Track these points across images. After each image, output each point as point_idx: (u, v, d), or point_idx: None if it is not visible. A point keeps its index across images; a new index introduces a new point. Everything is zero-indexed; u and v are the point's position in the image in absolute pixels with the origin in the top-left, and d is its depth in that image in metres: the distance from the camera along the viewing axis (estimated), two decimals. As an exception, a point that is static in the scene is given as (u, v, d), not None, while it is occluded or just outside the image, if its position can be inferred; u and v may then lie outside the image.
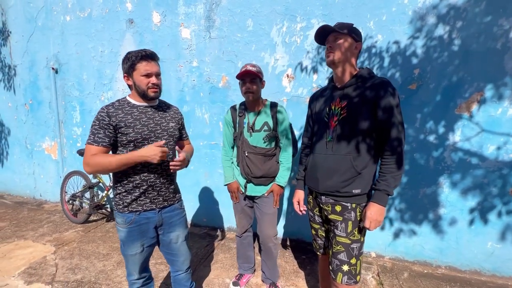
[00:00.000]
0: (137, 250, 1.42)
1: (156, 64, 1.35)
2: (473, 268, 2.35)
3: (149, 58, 1.31)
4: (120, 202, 1.39)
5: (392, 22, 2.28)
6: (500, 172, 2.20)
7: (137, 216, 1.39)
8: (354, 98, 1.36)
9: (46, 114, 3.71)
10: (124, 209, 1.38)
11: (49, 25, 3.45)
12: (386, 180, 1.28)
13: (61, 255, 2.57)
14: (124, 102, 1.38)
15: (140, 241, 1.42)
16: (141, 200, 1.39)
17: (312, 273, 2.36)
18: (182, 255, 1.56)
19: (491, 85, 2.14)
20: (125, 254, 1.44)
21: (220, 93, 2.89)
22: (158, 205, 1.44)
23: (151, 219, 1.42)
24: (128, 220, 1.38)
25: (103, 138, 1.29)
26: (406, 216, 2.47)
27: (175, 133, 1.50)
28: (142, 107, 1.39)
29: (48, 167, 3.87)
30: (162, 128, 1.42)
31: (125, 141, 1.33)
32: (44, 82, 3.63)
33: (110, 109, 1.32)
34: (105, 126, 1.29)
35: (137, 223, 1.39)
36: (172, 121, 1.49)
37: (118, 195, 1.39)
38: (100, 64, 3.30)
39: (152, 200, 1.42)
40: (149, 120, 1.39)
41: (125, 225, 1.38)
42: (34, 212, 3.62)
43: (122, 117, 1.32)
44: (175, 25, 2.91)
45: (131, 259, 1.44)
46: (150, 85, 1.32)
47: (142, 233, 1.42)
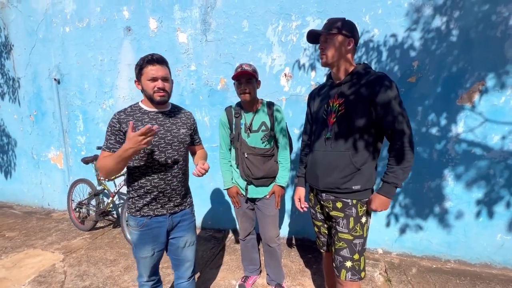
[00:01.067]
0: (148, 253, 1.44)
1: (164, 68, 1.34)
2: (483, 261, 2.31)
3: (156, 62, 1.31)
4: (133, 206, 1.43)
5: (388, 15, 2.26)
6: (506, 162, 2.16)
7: (148, 220, 1.42)
8: (351, 95, 1.35)
9: (51, 124, 3.77)
10: (136, 213, 1.42)
11: (50, 37, 3.51)
12: (394, 172, 1.27)
13: (69, 263, 2.60)
14: (136, 108, 1.39)
15: (151, 245, 1.44)
16: (152, 205, 1.42)
17: (318, 271, 2.35)
18: (188, 260, 1.56)
19: (492, 74, 2.11)
20: (137, 256, 1.47)
21: (219, 96, 2.90)
22: (169, 210, 1.45)
23: (162, 223, 1.44)
24: (140, 223, 1.41)
25: (114, 144, 1.32)
26: (412, 211, 2.44)
27: (186, 139, 1.49)
28: (153, 113, 1.39)
29: (55, 176, 3.93)
30: (172, 134, 1.42)
31: None
32: (47, 93, 3.69)
33: (122, 115, 1.34)
34: (116, 132, 1.32)
35: (149, 227, 1.42)
36: (183, 127, 1.48)
37: (131, 199, 1.43)
38: (100, 72, 3.34)
39: (163, 205, 1.44)
40: (160, 127, 1.38)
41: (137, 228, 1.42)
42: (43, 221, 3.68)
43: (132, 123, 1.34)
44: (172, 30, 2.93)
45: (142, 262, 1.46)
46: (155, 89, 1.31)
47: (154, 237, 1.44)
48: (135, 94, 3.19)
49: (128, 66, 3.19)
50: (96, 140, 3.53)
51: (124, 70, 3.22)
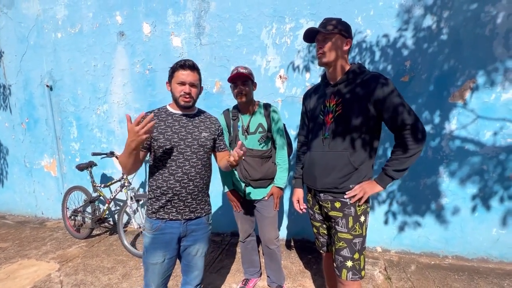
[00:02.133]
0: (158, 259, 1.41)
1: (194, 74, 1.38)
2: (480, 256, 2.34)
3: (187, 67, 1.36)
4: (150, 208, 1.43)
5: (380, 16, 2.30)
6: (498, 157, 2.20)
7: (163, 224, 1.41)
8: (347, 94, 1.36)
9: (43, 132, 3.71)
10: (152, 215, 1.42)
11: (41, 43, 3.47)
12: (392, 164, 1.30)
13: (65, 272, 2.55)
14: (162, 110, 1.46)
15: (162, 251, 1.41)
16: (168, 209, 1.41)
17: (318, 272, 2.34)
18: (197, 269, 1.54)
19: (482, 71, 2.16)
20: (146, 262, 1.44)
21: (215, 99, 2.90)
22: (184, 216, 1.43)
23: (176, 229, 1.43)
24: (154, 226, 1.40)
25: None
26: (409, 209, 2.47)
27: (207, 144, 1.48)
28: (177, 115, 1.44)
29: (48, 184, 3.86)
30: (193, 137, 1.43)
31: (156, 147, 1.38)
32: (39, 100, 3.64)
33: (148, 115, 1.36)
34: None
35: (162, 231, 1.41)
36: (206, 131, 1.48)
37: (149, 200, 1.45)
38: (93, 78, 3.31)
39: (178, 210, 1.42)
40: (181, 128, 1.42)
41: (151, 231, 1.41)
42: (37, 230, 3.60)
43: (156, 123, 1.38)
44: (166, 34, 2.93)
45: (151, 268, 1.43)
46: (182, 93, 1.36)
47: (166, 243, 1.42)
48: (130, 99, 3.17)
49: (122, 71, 3.17)
50: (90, 147, 3.49)
51: (118, 75, 3.20)
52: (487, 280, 2.12)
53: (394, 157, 1.30)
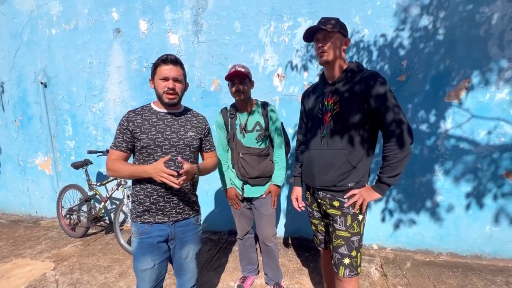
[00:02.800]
0: (148, 265, 1.34)
1: (177, 68, 1.32)
2: (474, 253, 2.38)
3: (169, 62, 1.30)
4: (134, 211, 1.38)
5: (377, 16, 2.32)
6: (491, 156, 2.24)
7: (149, 227, 1.35)
8: (345, 92, 1.37)
9: (38, 129, 3.65)
10: (137, 219, 1.36)
11: (35, 40, 3.41)
12: (385, 171, 1.30)
13: (61, 271, 2.52)
14: (146, 108, 1.39)
15: (151, 256, 1.35)
16: (152, 212, 1.35)
17: (316, 270, 2.36)
18: (189, 272, 1.50)
19: (477, 71, 2.19)
20: (136, 269, 1.37)
21: (212, 97, 2.89)
22: (171, 218, 1.38)
23: (163, 232, 1.37)
24: (140, 230, 1.35)
25: (121, 142, 1.32)
26: (405, 206, 2.50)
27: (193, 143, 1.42)
28: (162, 114, 1.37)
29: (43, 183, 3.80)
30: (178, 136, 1.37)
31: (138, 147, 1.33)
32: (33, 97, 3.58)
33: (131, 114, 1.35)
34: (123, 131, 1.32)
35: (148, 235, 1.34)
36: (192, 130, 1.43)
37: (133, 203, 1.39)
38: (89, 75, 3.27)
39: (164, 212, 1.36)
40: (166, 128, 1.35)
41: (137, 235, 1.35)
42: (31, 229, 3.55)
43: (139, 122, 1.33)
44: (163, 32, 2.91)
45: (141, 276, 1.36)
46: (165, 89, 1.29)
47: (153, 247, 1.35)
48: (127, 97, 3.14)
49: (118, 69, 3.13)
50: (86, 145, 3.45)
51: (114, 72, 3.16)
52: (481, 276, 2.16)
53: (385, 163, 1.30)
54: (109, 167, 1.32)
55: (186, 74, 1.42)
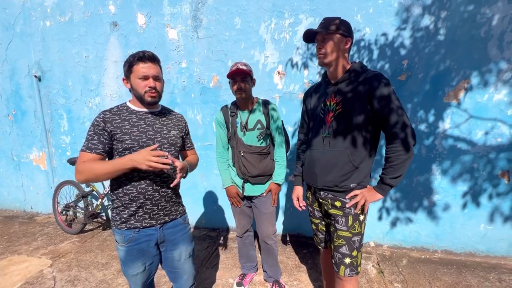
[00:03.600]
0: (139, 270, 1.31)
1: (156, 66, 1.26)
2: (468, 251, 2.44)
3: (147, 59, 1.23)
4: (117, 218, 1.28)
5: (379, 15, 2.31)
6: (488, 156, 2.27)
7: (136, 234, 1.28)
8: (348, 93, 1.37)
9: (32, 124, 3.58)
10: (122, 225, 1.27)
11: (28, 32, 3.32)
12: (388, 172, 1.30)
13: (58, 268, 2.51)
14: (123, 107, 1.30)
15: (141, 260, 1.31)
16: (139, 216, 1.29)
17: (314, 267, 2.39)
18: (186, 273, 1.45)
19: (476, 72, 2.20)
20: (126, 275, 1.34)
21: (212, 93, 2.87)
22: (158, 220, 1.33)
23: (151, 237, 1.32)
24: (126, 238, 1.27)
25: (96, 144, 1.21)
26: (402, 205, 2.53)
27: (177, 142, 1.40)
28: (141, 113, 1.30)
29: (38, 178, 3.75)
30: (162, 136, 1.33)
31: (120, 149, 1.24)
32: (27, 91, 3.50)
33: (107, 114, 1.24)
34: (100, 132, 1.21)
35: (137, 241, 1.28)
36: (174, 129, 1.40)
37: (115, 210, 1.30)
38: (85, 69, 3.20)
39: (151, 215, 1.31)
40: (148, 127, 1.30)
41: (123, 244, 1.27)
42: (26, 225, 3.51)
43: (118, 123, 1.24)
44: (161, 26, 2.85)
45: (132, 280, 1.34)
46: (147, 89, 1.23)
47: (143, 252, 1.31)
48: (124, 92, 3.09)
49: (115, 63, 3.07)
50: (82, 140, 3.39)
51: (111, 67, 3.10)
52: (474, 273, 2.22)
53: (388, 165, 1.30)
54: (80, 169, 1.17)
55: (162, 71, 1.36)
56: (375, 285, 2.12)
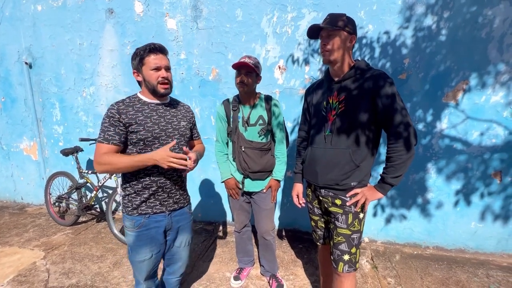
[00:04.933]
0: (146, 256, 1.37)
1: (166, 57, 1.31)
2: (458, 247, 2.52)
3: (158, 51, 1.27)
4: (129, 204, 1.35)
5: (383, 12, 2.29)
6: (482, 156, 2.32)
7: (146, 219, 1.35)
8: (352, 91, 1.36)
9: (22, 113, 3.46)
10: (133, 211, 1.34)
11: (18, 15, 3.17)
12: (389, 172, 1.31)
13: (52, 260, 2.47)
14: (134, 99, 1.34)
15: (149, 247, 1.37)
16: (150, 202, 1.36)
17: (309, 261, 2.43)
18: (181, 260, 1.55)
19: (475, 73, 2.23)
20: (133, 261, 1.39)
21: (211, 86, 2.82)
22: (168, 207, 1.40)
23: (161, 223, 1.39)
24: (137, 223, 1.34)
25: (113, 136, 1.25)
26: (397, 202, 2.58)
27: (187, 133, 1.46)
28: (153, 105, 1.35)
29: (28, 168, 3.65)
30: (173, 127, 1.38)
31: (135, 140, 1.29)
32: (17, 77, 3.37)
33: (121, 106, 1.28)
34: (116, 123, 1.25)
35: (147, 227, 1.35)
36: (184, 120, 1.45)
37: (127, 197, 1.36)
38: (79, 57, 3.09)
39: (162, 202, 1.38)
40: (160, 119, 1.35)
41: (133, 229, 1.34)
42: (17, 216, 3.44)
43: (132, 114, 1.28)
44: (160, 15, 2.76)
45: (138, 266, 1.39)
46: (160, 79, 1.27)
47: (152, 239, 1.37)
48: (120, 82, 3.00)
49: (111, 52, 2.98)
50: (75, 131, 3.31)
51: (106, 56, 3.00)
52: (464, 269, 2.30)
53: (389, 164, 1.31)
54: (100, 161, 1.23)
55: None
56: (369, 279, 2.18)
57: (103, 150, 1.24)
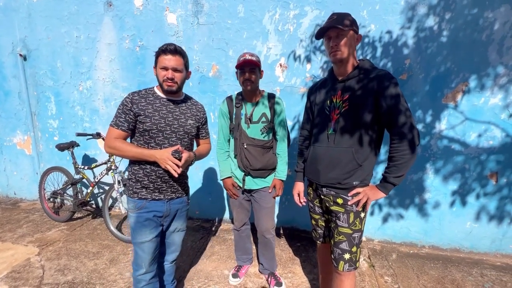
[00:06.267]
0: (146, 238, 1.46)
1: (177, 58, 1.37)
2: (454, 246, 2.55)
3: (169, 52, 1.35)
4: (131, 188, 1.48)
5: (385, 12, 2.29)
6: (479, 158, 2.35)
7: (147, 202, 1.46)
8: (357, 90, 1.36)
9: (16, 106, 3.38)
10: (134, 195, 1.46)
11: (13, 6, 3.08)
12: (391, 171, 1.31)
13: (46, 256, 2.43)
14: (150, 91, 1.46)
15: (148, 229, 1.46)
16: (150, 189, 1.46)
17: (307, 259, 2.44)
18: (174, 244, 1.65)
19: (475, 75, 2.25)
20: (135, 242, 1.47)
21: (211, 83, 2.79)
22: (166, 196, 1.50)
23: (160, 208, 1.49)
24: (138, 205, 1.45)
25: (123, 122, 1.38)
26: (394, 202, 2.60)
27: (192, 131, 1.54)
28: (165, 100, 1.45)
29: (22, 163, 3.58)
30: (179, 123, 1.47)
31: (141, 129, 1.40)
32: (11, 70, 3.28)
33: (135, 96, 1.41)
34: (127, 111, 1.38)
35: (146, 209, 1.45)
36: (192, 119, 1.53)
37: (130, 181, 1.49)
38: (76, 50, 3.03)
39: (160, 190, 1.48)
40: (168, 114, 1.44)
41: (135, 210, 1.45)
42: (10, 211, 3.37)
43: (143, 105, 1.39)
44: (160, 9, 2.72)
45: (140, 248, 1.47)
46: (164, 78, 1.37)
47: (150, 221, 1.46)
48: (117, 77, 2.95)
49: (109, 46, 2.92)
50: (71, 125, 3.25)
51: (104, 49, 2.95)
52: (459, 268, 2.33)
53: (392, 164, 1.31)
54: (111, 145, 1.37)
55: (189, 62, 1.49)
56: (366, 278, 2.19)
57: (114, 134, 1.38)
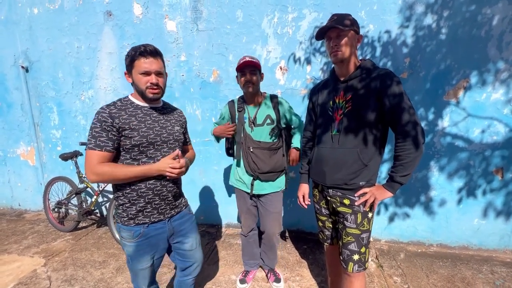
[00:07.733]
0: (147, 264, 1.33)
1: (158, 61, 1.22)
2: (462, 244, 2.53)
3: (149, 54, 1.19)
4: (124, 214, 1.27)
5: (383, 12, 2.30)
6: (483, 154, 2.34)
7: (145, 229, 1.28)
8: (359, 90, 1.36)
9: (19, 117, 3.40)
10: (130, 221, 1.27)
11: (14, 19, 3.12)
12: (397, 170, 1.31)
13: (53, 267, 2.42)
14: (127, 102, 1.26)
15: (150, 254, 1.33)
16: (147, 212, 1.29)
17: (315, 262, 2.42)
18: (196, 261, 1.52)
19: (476, 71, 2.25)
20: (133, 269, 1.35)
21: (212, 88, 2.80)
22: (166, 215, 1.35)
23: (162, 230, 1.34)
24: (136, 234, 1.27)
25: (106, 141, 1.16)
26: (400, 201, 2.59)
27: (181, 137, 1.41)
28: (146, 108, 1.29)
29: (26, 174, 3.59)
30: (167, 132, 1.33)
31: (128, 146, 1.21)
32: (13, 82, 3.31)
33: (112, 109, 1.19)
34: (108, 129, 1.16)
35: (147, 236, 1.29)
36: (177, 125, 1.40)
37: (121, 207, 1.28)
38: (77, 61, 3.05)
39: (159, 210, 1.32)
40: (154, 123, 1.28)
41: (132, 240, 1.27)
42: (15, 223, 3.37)
43: (126, 118, 1.20)
44: (159, 17, 2.74)
45: (140, 274, 1.36)
46: (148, 85, 1.21)
47: (153, 246, 1.33)
48: (119, 85, 2.97)
49: (110, 55, 2.95)
50: (74, 135, 3.27)
51: (105, 59, 2.97)
52: (468, 266, 2.31)
53: (398, 163, 1.30)
54: (98, 171, 1.14)
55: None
56: (375, 279, 2.17)
57: (96, 158, 1.15)
